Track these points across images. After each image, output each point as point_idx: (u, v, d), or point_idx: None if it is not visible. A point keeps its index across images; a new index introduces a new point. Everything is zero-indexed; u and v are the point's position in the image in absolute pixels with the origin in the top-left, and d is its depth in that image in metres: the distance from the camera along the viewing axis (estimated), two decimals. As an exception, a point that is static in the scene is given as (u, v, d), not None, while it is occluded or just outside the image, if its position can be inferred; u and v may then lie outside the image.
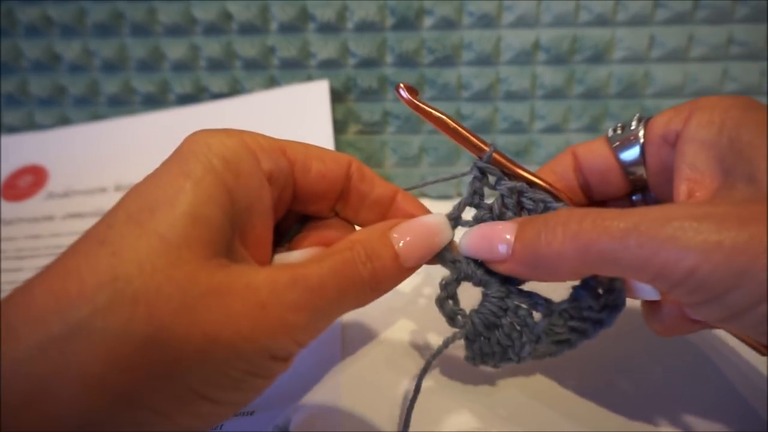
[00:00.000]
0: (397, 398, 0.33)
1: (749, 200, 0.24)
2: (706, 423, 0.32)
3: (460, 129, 0.31)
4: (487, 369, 0.32)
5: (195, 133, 0.26)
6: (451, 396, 0.34)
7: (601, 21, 0.49)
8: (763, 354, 0.30)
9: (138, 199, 0.23)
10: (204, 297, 0.21)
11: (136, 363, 0.20)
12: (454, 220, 0.31)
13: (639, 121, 0.32)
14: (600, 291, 0.30)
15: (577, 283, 0.30)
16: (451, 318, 0.31)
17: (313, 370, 0.35)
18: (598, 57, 0.50)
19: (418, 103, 0.31)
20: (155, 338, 0.20)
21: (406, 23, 0.50)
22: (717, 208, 0.23)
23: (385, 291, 0.28)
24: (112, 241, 0.22)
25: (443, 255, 0.31)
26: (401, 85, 0.31)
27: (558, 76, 0.51)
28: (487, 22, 0.50)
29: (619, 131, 0.32)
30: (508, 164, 0.31)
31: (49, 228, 0.51)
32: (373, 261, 0.26)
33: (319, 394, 0.34)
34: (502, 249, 0.28)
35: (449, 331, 0.31)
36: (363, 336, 0.38)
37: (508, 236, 0.28)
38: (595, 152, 0.33)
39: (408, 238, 0.28)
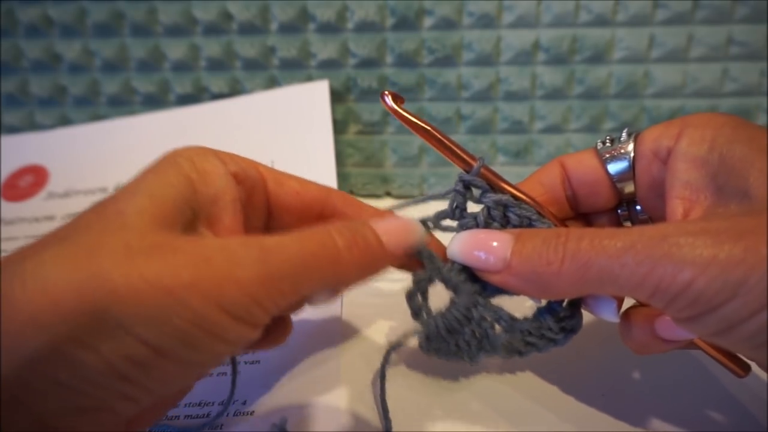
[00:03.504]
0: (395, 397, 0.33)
1: (743, 215, 0.25)
2: (702, 426, 0.32)
3: (446, 141, 0.30)
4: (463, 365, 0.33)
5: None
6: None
7: (601, 21, 0.49)
8: (739, 376, 0.30)
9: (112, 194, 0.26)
10: (148, 250, 0.22)
11: (72, 303, 0.20)
12: (429, 225, 0.31)
13: (629, 134, 0.32)
14: (562, 315, 0.31)
15: (542, 303, 0.31)
16: (416, 313, 0.31)
17: (311, 369, 0.35)
18: (598, 57, 0.50)
19: (402, 112, 0.30)
20: (92, 283, 0.20)
21: (406, 23, 0.50)
22: (711, 224, 0.24)
23: (370, 268, 0.28)
24: (75, 219, 0.24)
25: (422, 250, 0.31)
26: (386, 92, 0.30)
27: (558, 76, 0.51)
28: (487, 22, 0.50)
29: (608, 144, 0.33)
30: (495, 179, 0.31)
31: (50, 228, 0.50)
32: (354, 234, 0.26)
33: (317, 393, 0.34)
34: (497, 260, 0.28)
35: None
36: (362, 335, 0.38)
37: (504, 248, 0.28)
38: (584, 164, 0.33)
39: (384, 223, 0.28)
